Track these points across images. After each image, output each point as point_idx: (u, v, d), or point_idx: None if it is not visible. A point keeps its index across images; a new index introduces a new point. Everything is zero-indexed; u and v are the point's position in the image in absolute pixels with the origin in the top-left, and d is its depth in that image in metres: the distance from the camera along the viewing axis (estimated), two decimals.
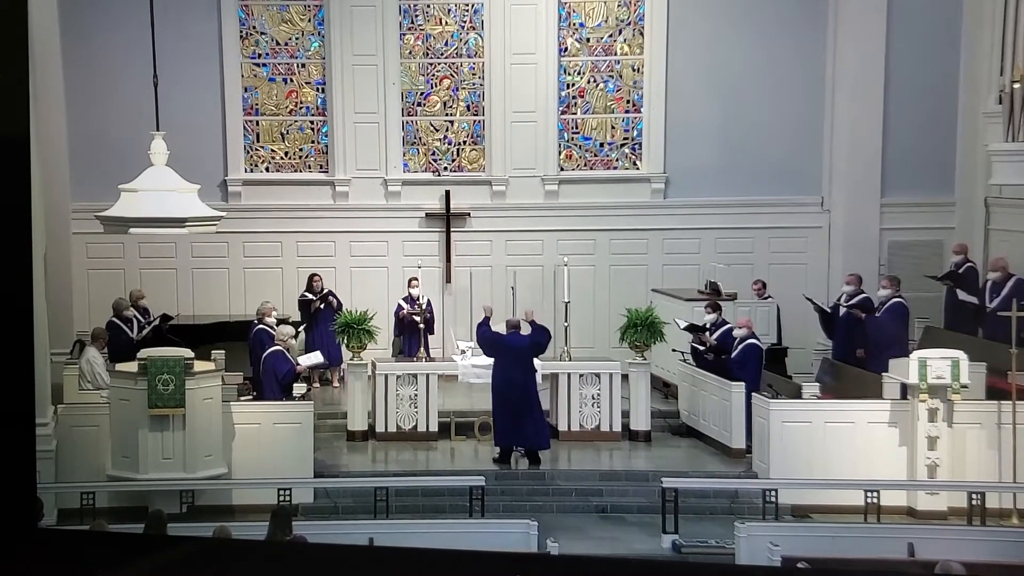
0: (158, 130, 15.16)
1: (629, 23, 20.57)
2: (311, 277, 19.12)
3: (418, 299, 18.37)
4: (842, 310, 17.19)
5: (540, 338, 15.99)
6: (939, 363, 14.40)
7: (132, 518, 12.76)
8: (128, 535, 9.28)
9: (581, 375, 16.90)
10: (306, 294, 19.00)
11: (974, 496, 13.82)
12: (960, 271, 17.59)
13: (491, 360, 16.17)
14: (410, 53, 20.62)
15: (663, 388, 18.25)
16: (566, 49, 20.61)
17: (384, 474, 15.35)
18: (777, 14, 20.08)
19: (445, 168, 20.77)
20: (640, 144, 20.71)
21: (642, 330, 16.65)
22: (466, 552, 5.42)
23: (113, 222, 14.94)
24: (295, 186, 20.57)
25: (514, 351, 15.80)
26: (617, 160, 20.82)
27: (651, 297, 18.67)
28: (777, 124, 20.12)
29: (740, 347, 16.22)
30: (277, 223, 20.22)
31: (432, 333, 18.44)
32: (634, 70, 20.66)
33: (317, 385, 18.65)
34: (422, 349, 17.77)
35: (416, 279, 18.53)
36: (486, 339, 16.08)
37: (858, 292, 17.29)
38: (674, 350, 17.22)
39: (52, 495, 13.74)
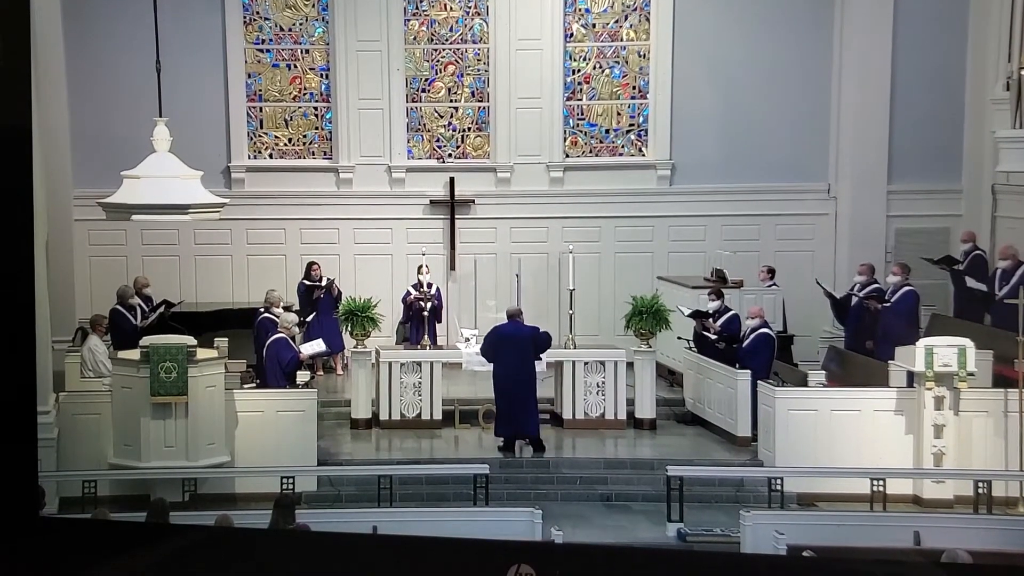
0: (161, 116, 15.13)
1: (635, 9, 20.48)
2: (310, 265, 19.04)
3: (422, 285, 18.32)
4: (854, 300, 17.15)
5: (540, 333, 15.97)
6: (946, 351, 14.36)
7: (134, 507, 12.77)
8: (130, 524, 9.25)
9: (586, 363, 16.85)
10: (305, 282, 18.94)
11: (980, 484, 13.82)
12: (966, 258, 17.55)
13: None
14: (414, 39, 20.54)
15: (668, 376, 18.21)
16: (571, 35, 20.53)
17: (388, 462, 15.33)
18: (784, 0, 19.99)
19: (449, 155, 20.70)
20: (646, 131, 20.64)
21: (647, 318, 16.61)
22: (470, 540, 5.39)
23: (115, 209, 14.94)
24: (298, 173, 20.52)
25: (510, 340, 15.74)
26: (623, 147, 20.75)
27: (656, 285, 18.63)
28: (783, 111, 20.05)
29: (752, 336, 16.20)
30: (280, 210, 20.17)
31: (440, 321, 18.42)
32: (640, 56, 20.57)
33: (320, 373, 18.62)
34: (426, 336, 17.71)
35: (425, 266, 18.50)
36: (484, 345, 16.04)
37: (871, 282, 17.24)
38: (679, 338, 17.19)
39: (54, 483, 13.71)
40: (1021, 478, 14.05)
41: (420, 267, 18.63)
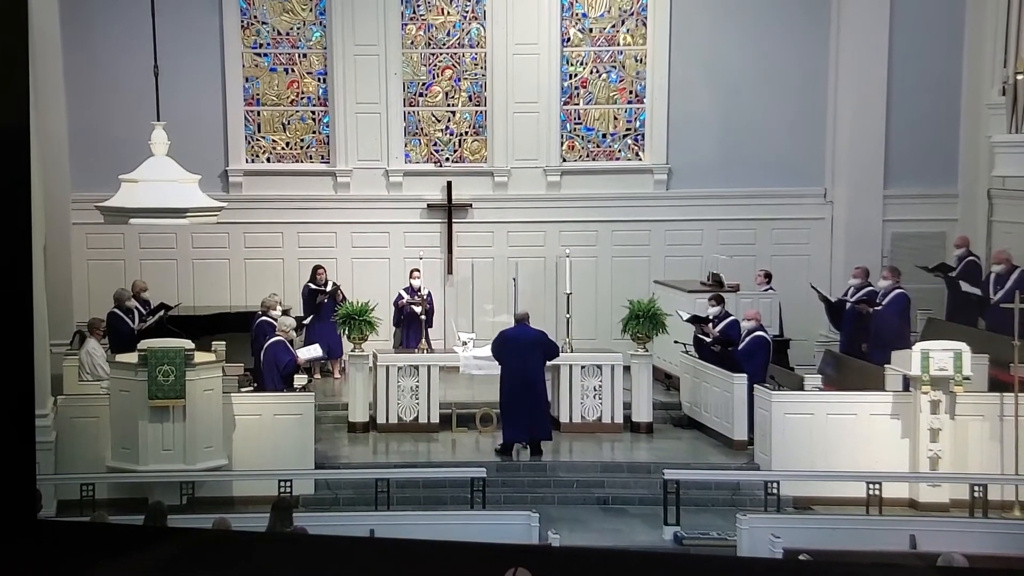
0: (159, 120, 15.15)
1: (632, 13, 20.52)
2: (316, 269, 19.05)
3: (419, 290, 18.37)
4: (848, 304, 17.19)
5: (547, 339, 15.97)
6: (941, 355, 14.36)
7: (132, 510, 12.75)
8: (128, 527, 9.24)
9: (583, 367, 16.87)
10: (310, 285, 18.92)
11: (976, 488, 13.83)
12: (960, 264, 17.59)
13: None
14: (412, 43, 20.57)
15: (665, 380, 18.22)
16: (568, 39, 20.56)
17: (385, 465, 15.34)
18: (780, 4, 20.03)
19: (447, 159, 20.72)
20: (642, 135, 20.66)
21: (644, 322, 16.63)
22: (467, 544, 5.39)
23: (113, 212, 14.96)
24: (296, 176, 20.53)
25: (515, 343, 15.76)
26: (619, 151, 20.78)
27: (653, 289, 18.65)
28: (780, 115, 20.08)
29: (748, 339, 16.22)
30: (278, 214, 20.19)
31: (431, 326, 18.42)
32: (637, 61, 20.60)
33: (318, 376, 18.63)
34: (423, 340, 17.74)
35: (418, 270, 18.52)
36: (493, 347, 16.09)
37: (865, 285, 17.29)
38: (676, 342, 17.19)
39: (52, 486, 13.72)
40: (1017, 482, 14.07)
41: (413, 271, 18.66)
